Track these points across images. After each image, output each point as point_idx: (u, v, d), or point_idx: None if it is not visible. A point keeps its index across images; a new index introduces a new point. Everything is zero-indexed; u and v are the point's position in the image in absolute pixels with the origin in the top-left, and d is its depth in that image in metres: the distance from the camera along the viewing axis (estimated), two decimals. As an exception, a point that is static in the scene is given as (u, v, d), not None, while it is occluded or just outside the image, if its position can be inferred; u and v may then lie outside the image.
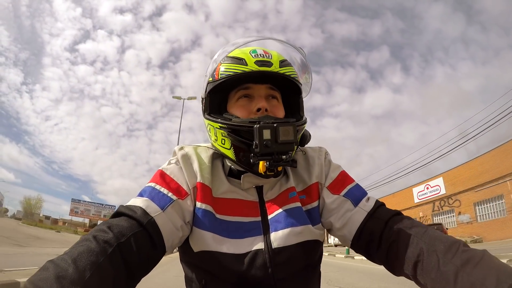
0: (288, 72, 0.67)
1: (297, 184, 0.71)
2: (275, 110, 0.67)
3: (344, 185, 0.70)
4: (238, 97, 0.67)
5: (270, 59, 0.65)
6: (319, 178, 0.71)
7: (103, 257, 0.44)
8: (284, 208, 0.65)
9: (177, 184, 0.64)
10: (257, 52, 0.66)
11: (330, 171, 0.72)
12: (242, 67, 0.64)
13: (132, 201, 0.59)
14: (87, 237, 0.48)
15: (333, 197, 0.68)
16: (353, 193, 0.68)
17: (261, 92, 0.67)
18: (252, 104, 0.66)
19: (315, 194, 0.70)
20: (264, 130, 0.56)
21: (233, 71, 0.64)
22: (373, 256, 0.62)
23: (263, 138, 0.56)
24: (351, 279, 6.19)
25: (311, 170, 0.71)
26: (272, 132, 0.56)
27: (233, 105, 0.68)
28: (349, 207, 0.66)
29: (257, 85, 0.67)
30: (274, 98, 0.69)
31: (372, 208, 0.64)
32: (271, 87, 0.69)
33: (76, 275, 0.40)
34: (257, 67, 0.63)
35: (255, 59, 0.64)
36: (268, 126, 0.57)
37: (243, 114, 0.65)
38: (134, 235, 0.51)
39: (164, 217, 0.57)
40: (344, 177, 0.72)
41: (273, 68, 0.64)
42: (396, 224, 0.58)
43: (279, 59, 0.67)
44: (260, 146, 0.56)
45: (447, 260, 0.47)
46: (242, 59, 0.65)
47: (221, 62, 0.67)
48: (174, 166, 0.67)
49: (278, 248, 0.61)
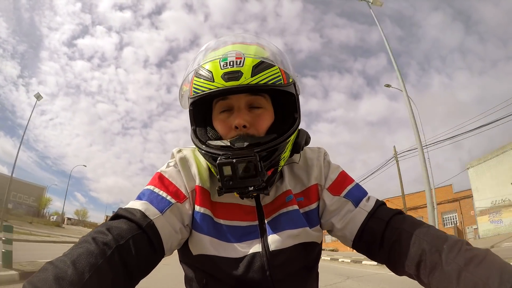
0: (264, 78, 0.58)
1: (295, 186, 0.70)
2: (258, 122, 0.62)
3: (344, 186, 0.69)
4: (219, 110, 0.63)
5: (240, 67, 0.57)
6: (318, 180, 0.70)
7: (102, 259, 0.44)
8: (281, 212, 0.65)
9: (176, 188, 0.64)
10: (227, 60, 0.57)
11: (329, 172, 0.72)
12: (209, 84, 0.57)
13: (131, 204, 0.59)
14: (86, 239, 0.48)
15: (334, 198, 0.68)
16: (353, 194, 0.68)
17: (240, 103, 0.62)
18: (231, 119, 0.61)
19: (314, 196, 0.70)
20: (224, 167, 0.55)
21: (201, 88, 0.59)
22: (375, 256, 0.63)
23: (224, 175, 0.55)
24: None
25: (309, 171, 0.71)
26: (233, 168, 0.54)
27: (215, 118, 0.64)
28: (350, 208, 0.66)
29: (235, 95, 0.61)
30: (256, 108, 0.63)
31: (373, 208, 0.64)
32: (252, 94, 0.63)
33: (75, 277, 0.40)
34: (223, 82, 0.56)
35: (222, 71, 0.57)
36: (227, 162, 0.54)
37: (223, 130, 0.62)
38: (133, 237, 0.51)
39: (163, 220, 0.57)
40: (343, 177, 0.72)
41: (242, 80, 0.56)
42: (398, 223, 0.59)
43: (253, 63, 0.58)
44: (222, 182, 0.55)
45: (450, 260, 0.48)
46: (210, 73, 0.58)
47: (194, 75, 0.61)
48: (172, 169, 0.67)
49: (276, 251, 0.61)
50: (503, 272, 0.43)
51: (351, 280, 6.32)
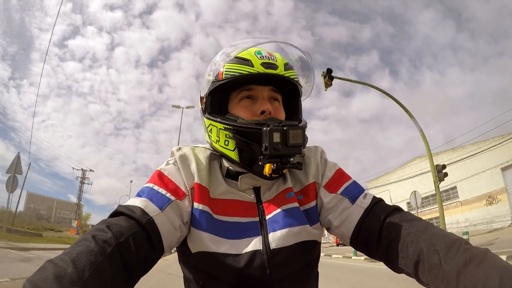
0: (292, 75, 0.67)
1: (294, 185, 0.71)
2: (277, 113, 0.67)
3: (340, 183, 0.69)
4: (241, 97, 0.67)
5: (275, 61, 0.65)
6: (315, 178, 0.71)
7: (102, 257, 0.44)
8: (281, 209, 0.65)
9: (175, 185, 0.64)
10: (262, 54, 0.66)
11: (326, 170, 0.72)
12: (248, 68, 0.63)
13: (131, 201, 0.59)
14: (86, 237, 0.48)
15: (330, 195, 0.68)
16: (350, 191, 0.68)
17: (264, 94, 0.67)
18: (256, 106, 0.66)
19: (313, 194, 0.70)
20: (275, 133, 0.56)
21: (238, 71, 0.63)
22: (373, 253, 0.62)
23: (273, 141, 0.56)
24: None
25: (307, 170, 0.71)
26: (282, 135, 0.56)
27: (235, 106, 0.67)
28: (347, 205, 0.66)
29: (260, 86, 0.66)
30: (276, 101, 0.69)
31: (369, 205, 0.64)
32: (274, 89, 0.69)
33: (75, 275, 0.40)
34: (263, 69, 0.63)
35: (261, 61, 0.64)
36: (278, 129, 0.57)
37: (247, 116, 0.65)
38: (133, 234, 0.51)
39: (163, 217, 0.58)
40: (340, 175, 0.72)
41: (279, 70, 0.64)
42: (395, 221, 0.58)
43: (283, 62, 0.67)
44: (270, 148, 0.56)
45: (448, 259, 0.47)
46: (248, 60, 0.64)
47: (226, 62, 0.66)
48: (172, 166, 0.67)
49: (276, 249, 0.61)
50: (503, 272, 0.41)
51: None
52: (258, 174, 0.64)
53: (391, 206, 0.64)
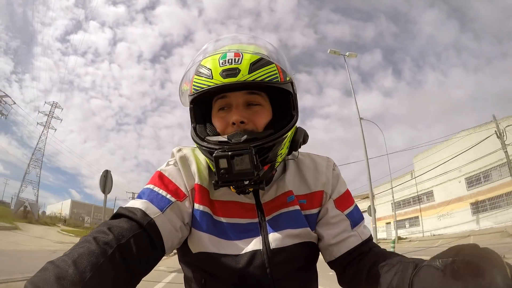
0: (261, 75, 0.59)
1: (299, 186, 0.70)
2: (256, 118, 0.62)
3: (348, 204, 0.70)
4: (217, 107, 0.65)
5: (238, 64, 0.59)
6: (325, 188, 0.70)
7: (103, 258, 0.44)
8: (282, 211, 0.65)
9: (176, 186, 0.64)
10: (226, 58, 0.59)
11: (338, 185, 0.72)
12: (208, 81, 0.59)
13: (132, 203, 0.59)
14: (88, 239, 0.48)
15: (337, 212, 0.68)
16: (353, 215, 0.69)
17: (238, 100, 0.63)
18: (229, 116, 0.63)
19: (317, 202, 0.69)
20: (220, 160, 0.55)
21: (200, 86, 0.61)
22: (345, 280, 0.65)
23: (220, 167, 0.55)
24: None
25: (318, 177, 0.70)
26: (228, 161, 0.55)
27: (214, 116, 0.66)
28: (347, 228, 0.66)
29: (233, 93, 0.62)
30: (254, 105, 0.64)
31: (368, 238, 0.67)
32: (250, 91, 0.64)
33: (76, 276, 0.40)
34: (221, 79, 0.58)
35: (221, 69, 0.59)
36: (223, 155, 0.55)
37: (222, 127, 0.63)
38: (134, 236, 0.52)
39: (164, 218, 0.58)
40: (348, 196, 0.72)
41: (240, 76, 0.58)
42: (382, 262, 0.56)
43: (251, 60, 0.59)
44: (218, 175, 0.56)
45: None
46: (209, 70, 0.60)
47: (195, 74, 0.63)
48: (172, 167, 0.67)
49: (277, 249, 0.61)
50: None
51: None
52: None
53: (381, 248, 0.65)
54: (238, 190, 0.61)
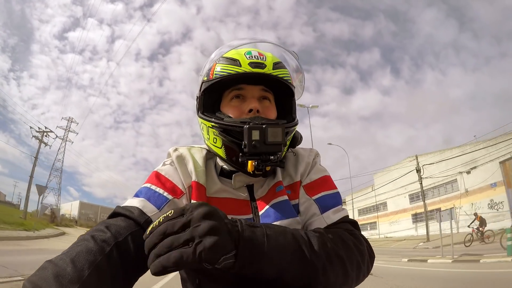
0: (281, 74, 0.63)
1: (284, 179, 0.66)
2: (267, 111, 0.63)
3: (319, 190, 0.64)
4: (231, 97, 0.63)
5: (264, 61, 0.62)
6: (302, 177, 0.67)
7: (101, 256, 0.42)
8: (272, 203, 0.62)
9: (173, 184, 0.61)
10: (251, 54, 0.62)
11: (312, 172, 0.67)
12: (236, 68, 0.60)
13: (129, 202, 0.56)
14: (85, 237, 0.45)
15: (305, 198, 0.63)
16: (325, 200, 0.62)
17: (254, 93, 0.63)
18: (244, 105, 0.62)
19: (298, 192, 0.65)
20: (253, 131, 0.54)
21: (227, 71, 0.61)
22: None
23: (252, 139, 0.53)
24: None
25: (298, 167, 0.67)
26: (261, 133, 0.54)
27: (226, 105, 0.64)
28: (315, 212, 0.61)
29: (250, 86, 0.63)
30: (266, 99, 0.65)
31: (335, 222, 0.58)
32: (264, 88, 0.65)
33: (74, 274, 0.38)
34: (250, 68, 0.60)
35: (249, 61, 0.61)
36: (257, 127, 0.54)
37: (235, 114, 0.62)
38: (132, 234, 0.49)
39: (161, 216, 0.53)
40: (323, 182, 0.66)
41: (266, 70, 0.61)
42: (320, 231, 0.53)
43: (273, 61, 0.63)
44: (249, 146, 0.53)
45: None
46: (236, 60, 0.61)
47: (216, 62, 0.64)
48: (169, 167, 0.64)
49: None
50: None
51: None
52: (243, 171, 0.61)
53: (352, 228, 0.58)
54: (258, 167, 0.56)
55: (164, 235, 0.38)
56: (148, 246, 0.39)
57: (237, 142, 0.58)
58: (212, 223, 0.38)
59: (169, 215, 0.39)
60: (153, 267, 0.37)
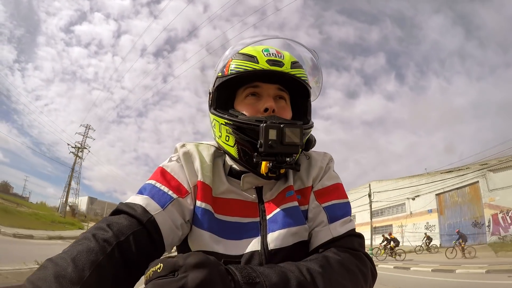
0: (298, 74, 0.58)
1: (295, 182, 0.60)
2: (282, 111, 0.58)
3: (330, 197, 0.58)
4: (246, 94, 0.58)
5: (282, 59, 0.57)
6: (314, 182, 0.61)
7: (102, 256, 0.40)
8: (281, 208, 0.56)
9: (178, 182, 0.56)
10: (269, 51, 0.57)
11: (325, 178, 0.61)
12: (253, 64, 0.55)
13: (132, 199, 0.51)
14: (87, 236, 0.42)
15: (315, 204, 0.58)
16: (334, 209, 0.57)
17: (269, 92, 0.58)
18: (260, 103, 0.57)
19: (308, 197, 0.59)
20: (270, 130, 0.49)
21: (243, 68, 0.56)
22: None
23: (269, 138, 0.49)
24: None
25: (310, 171, 0.61)
26: (278, 133, 0.49)
27: (240, 103, 0.58)
28: (323, 220, 0.55)
29: (266, 84, 0.58)
30: (282, 99, 0.59)
31: (340, 236, 0.53)
32: (280, 87, 0.59)
33: (75, 274, 0.36)
34: (268, 66, 0.55)
35: (266, 58, 0.56)
36: (275, 126, 0.49)
37: (250, 112, 0.56)
38: (134, 233, 0.45)
39: (164, 215, 0.50)
40: (335, 189, 0.60)
41: (284, 68, 0.56)
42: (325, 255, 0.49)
43: (291, 60, 0.58)
44: (265, 145, 0.49)
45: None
46: (253, 57, 0.56)
47: (232, 58, 0.58)
48: (175, 163, 0.59)
49: (274, 249, 0.53)
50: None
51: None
52: (256, 172, 0.55)
53: (357, 248, 0.53)
54: (273, 169, 0.51)
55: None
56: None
57: (251, 141, 0.53)
58: (200, 274, 0.34)
59: (157, 271, 0.33)
60: None
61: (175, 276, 0.33)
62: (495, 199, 16.24)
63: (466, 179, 17.55)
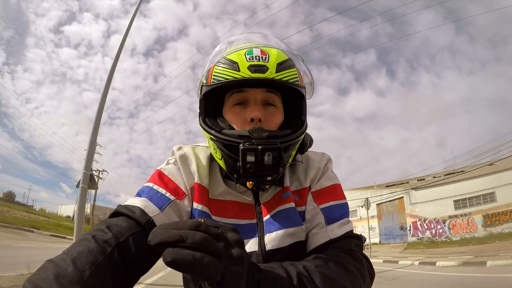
0: (286, 76, 0.52)
1: (292, 183, 0.59)
2: (271, 119, 0.54)
3: (328, 199, 0.57)
4: (233, 103, 0.55)
5: (266, 62, 0.52)
6: (311, 183, 0.59)
7: (102, 256, 0.40)
8: (278, 209, 0.55)
9: (175, 184, 0.55)
10: (253, 54, 0.52)
11: (323, 179, 0.60)
12: (234, 73, 0.51)
13: (130, 201, 0.51)
14: (86, 237, 0.42)
15: (313, 205, 0.57)
16: (332, 211, 0.56)
17: (256, 97, 0.54)
18: (246, 112, 0.53)
19: (306, 198, 0.58)
20: (248, 153, 0.47)
21: (224, 76, 0.52)
22: None
23: (247, 161, 0.47)
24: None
25: (308, 172, 0.60)
26: (257, 155, 0.47)
27: (228, 110, 0.55)
28: (321, 222, 0.54)
29: (252, 89, 0.54)
30: (270, 105, 0.55)
31: (338, 237, 0.52)
32: (269, 90, 0.55)
33: (75, 275, 0.36)
34: (249, 73, 0.51)
35: (248, 63, 0.51)
36: (252, 148, 0.47)
37: (237, 123, 0.54)
38: (133, 235, 0.45)
39: (163, 217, 0.50)
40: (333, 190, 0.59)
41: (268, 74, 0.51)
42: (323, 257, 0.49)
43: (277, 61, 0.52)
44: (243, 169, 0.47)
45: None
46: (235, 63, 0.52)
47: (215, 64, 0.54)
48: (172, 166, 0.58)
49: (272, 250, 0.53)
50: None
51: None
52: (243, 185, 0.55)
53: (354, 249, 0.52)
54: (257, 186, 0.53)
55: (195, 229, 0.32)
56: (177, 227, 0.32)
57: (235, 158, 0.50)
58: (242, 252, 0.35)
59: (200, 220, 0.32)
60: (179, 255, 0.30)
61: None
62: (415, 211, 21.29)
63: (396, 195, 22.62)
